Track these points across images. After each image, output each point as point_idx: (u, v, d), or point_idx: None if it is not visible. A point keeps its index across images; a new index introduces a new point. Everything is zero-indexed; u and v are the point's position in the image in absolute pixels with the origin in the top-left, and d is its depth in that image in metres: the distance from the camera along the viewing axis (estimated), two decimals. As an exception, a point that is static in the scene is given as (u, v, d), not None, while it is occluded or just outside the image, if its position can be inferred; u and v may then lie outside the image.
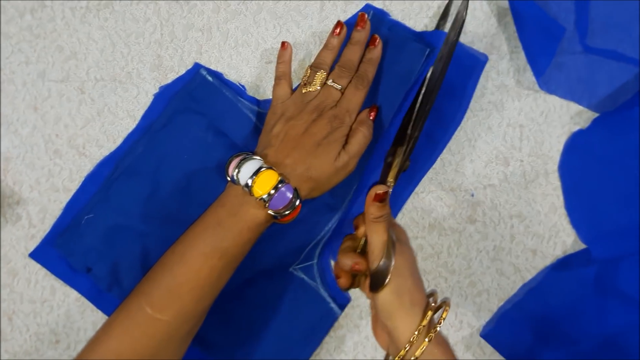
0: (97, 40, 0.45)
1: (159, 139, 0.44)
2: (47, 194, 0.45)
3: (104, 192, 0.44)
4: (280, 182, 0.38)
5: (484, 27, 0.44)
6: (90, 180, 0.45)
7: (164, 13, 0.45)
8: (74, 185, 0.45)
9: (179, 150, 0.44)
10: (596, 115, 0.44)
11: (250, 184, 0.38)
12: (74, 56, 0.45)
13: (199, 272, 0.38)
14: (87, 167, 0.45)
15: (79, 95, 0.45)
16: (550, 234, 0.45)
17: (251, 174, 0.38)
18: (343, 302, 0.45)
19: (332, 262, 0.44)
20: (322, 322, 0.44)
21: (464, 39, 0.44)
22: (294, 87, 0.44)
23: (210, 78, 0.44)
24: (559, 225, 0.45)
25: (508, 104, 0.45)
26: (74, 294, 0.45)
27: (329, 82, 0.41)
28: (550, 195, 0.45)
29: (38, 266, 0.45)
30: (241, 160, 0.39)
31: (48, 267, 0.45)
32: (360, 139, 0.41)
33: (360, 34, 0.42)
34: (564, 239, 0.45)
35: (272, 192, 0.38)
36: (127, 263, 0.44)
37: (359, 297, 0.45)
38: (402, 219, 0.45)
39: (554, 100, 0.44)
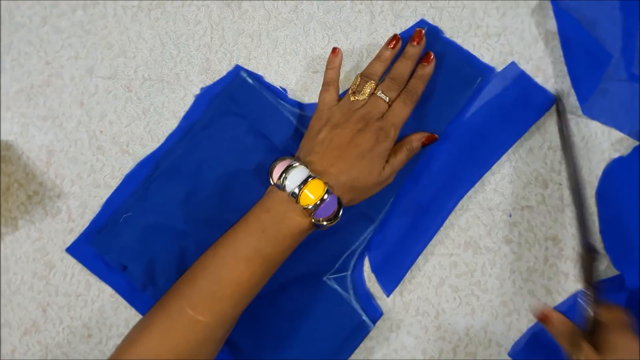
0: (147, 40, 0.45)
1: (199, 140, 0.44)
2: (88, 189, 0.45)
3: (143, 191, 0.44)
4: (327, 192, 0.38)
5: (531, 49, 0.44)
6: (130, 179, 0.44)
7: (215, 17, 0.45)
8: (115, 182, 0.44)
9: (219, 152, 0.44)
10: (637, 143, 0.44)
11: (297, 193, 0.37)
12: (123, 54, 0.45)
13: (241, 277, 0.38)
14: (130, 164, 0.44)
15: (125, 93, 0.45)
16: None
17: (299, 182, 0.38)
18: (375, 315, 0.44)
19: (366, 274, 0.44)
20: (353, 335, 0.44)
21: (511, 59, 0.44)
22: (341, 95, 0.44)
23: (250, 80, 0.44)
24: None
25: (551, 127, 0.44)
26: (108, 290, 0.45)
27: (378, 93, 0.41)
28: (586, 220, 0.45)
29: (74, 260, 0.45)
30: (288, 167, 0.39)
31: (84, 263, 0.44)
32: (404, 157, 0.41)
33: (415, 49, 0.42)
34: (597, 265, 0.45)
35: (318, 202, 0.38)
36: (163, 263, 0.43)
37: (389, 310, 0.45)
38: (437, 235, 0.45)
39: (596, 126, 0.44)
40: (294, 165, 0.39)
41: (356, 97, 0.41)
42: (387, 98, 0.41)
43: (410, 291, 0.45)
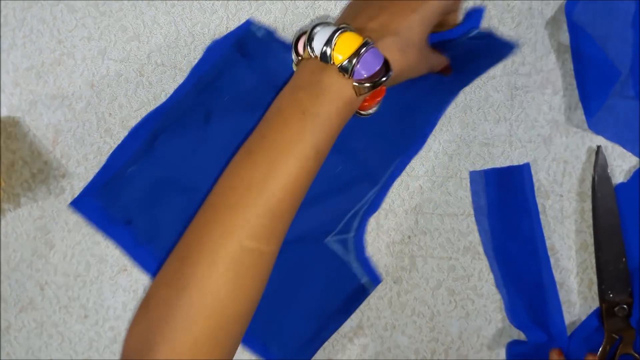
0: (162, 25, 0.44)
1: (208, 92, 0.42)
2: (94, 171, 0.43)
3: (150, 145, 0.43)
4: (365, 44, 0.31)
5: (543, 61, 0.44)
6: (136, 132, 0.43)
7: (232, 7, 0.44)
8: None
9: (228, 105, 0.42)
10: (638, 164, 0.45)
11: (329, 53, 0.31)
12: (136, 38, 0.44)
13: (297, 181, 0.31)
14: None
15: (137, 78, 0.44)
16: (578, 270, 0.44)
17: (327, 37, 0.31)
18: (375, 280, 0.44)
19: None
20: (352, 298, 0.43)
21: (522, 69, 0.44)
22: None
23: (260, 34, 0.43)
24: (587, 262, 0.44)
25: (556, 139, 0.44)
26: (107, 272, 0.44)
27: None
28: (583, 232, 0.44)
29: (75, 240, 0.45)
30: (312, 28, 0.32)
31: (88, 217, 0.43)
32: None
33: None
34: (590, 276, 0.45)
35: (354, 57, 0.31)
36: (168, 217, 0.42)
37: (384, 309, 0.45)
38: (437, 238, 0.45)
39: (601, 141, 0.45)
40: (319, 25, 0.32)
41: None
42: None
43: (407, 292, 0.45)
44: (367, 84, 0.32)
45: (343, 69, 0.31)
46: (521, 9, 0.43)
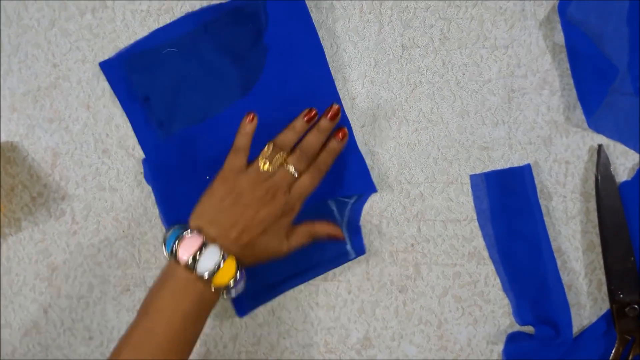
0: (155, 44, 0.44)
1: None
2: (93, 192, 0.43)
3: (197, 36, 0.42)
4: (238, 270, 0.38)
5: (539, 62, 0.42)
6: (190, 18, 0.42)
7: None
8: (120, 185, 0.43)
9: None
10: None
11: (210, 275, 0.37)
12: (130, 58, 0.44)
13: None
14: (135, 168, 0.43)
15: (132, 97, 0.44)
16: (586, 271, 0.43)
17: (214, 265, 0.37)
18: (359, 250, 0.43)
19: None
20: (334, 259, 0.43)
21: (518, 71, 0.44)
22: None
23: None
24: (595, 263, 0.43)
25: (556, 140, 0.43)
26: (110, 292, 0.44)
27: (288, 166, 0.39)
28: (589, 233, 0.43)
29: (77, 262, 0.44)
30: (200, 247, 0.37)
31: (110, 81, 0.43)
32: (304, 242, 0.41)
33: (328, 124, 0.41)
34: (599, 277, 0.43)
35: (231, 283, 0.38)
36: (185, 109, 0.42)
37: (390, 319, 0.44)
38: (441, 245, 0.44)
39: (602, 140, 0.44)
40: (206, 245, 0.38)
41: (265, 167, 0.39)
42: (296, 171, 0.40)
43: (413, 300, 0.44)
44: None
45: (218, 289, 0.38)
46: (514, 11, 0.43)
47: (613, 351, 0.42)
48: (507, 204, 0.43)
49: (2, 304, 0.44)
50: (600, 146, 0.43)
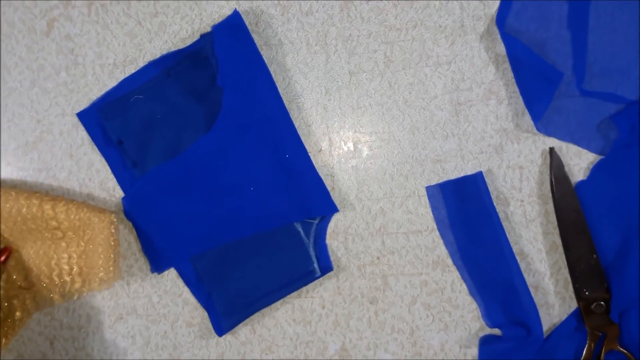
0: (124, 93, 0.48)
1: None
2: None
3: (160, 83, 0.45)
4: None
5: (483, 73, 0.43)
6: (153, 65, 0.45)
7: (184, 67, 0.48)
8: None
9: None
10: (595, 160, 0.43)
11: None
12: (104, 108, 0.48)
13: None
14: (117, 207, 0.46)
15: (109, 143, 0.48)
16: (552, 271, 0.43)
17: None
18: (326, 268, 0.45)
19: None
20: (301, 279, 0.45)
21: (463, 85, 0.45)
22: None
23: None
24: (559, 263, 0.43)
25: (507, 147, 0.44)
26: (106, 321, 0.48)
27: None
28: (550, 234, 0.43)
29: (74, 296, 0.49)
30: None
31: (88, 129, 0.46)
32: None
33: None
34: (565, 276, 0.44)
35: None
36: (156, 150, 0.45)
37: (364, 329, 0.46)
38: (406, 256, 0.45)
39: (554, 143, 0.44)
40: None
41: None
42: None
43: (384, 310, 0.45)
44: None
45: None
46: (453, 28, 0.44)
47: (585, 348, 0.43)
48: (465, 211, 0.44)
49: (14, 338, 0.48)
50: (551, 149, 0.43)
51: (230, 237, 0.45)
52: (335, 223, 0.45)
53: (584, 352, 0.43)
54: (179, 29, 0.45)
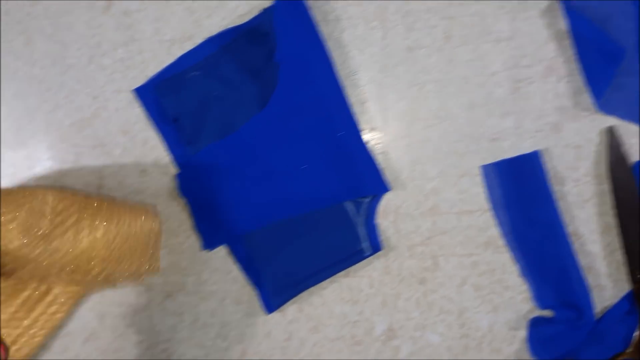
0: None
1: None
2: None
3: (217, 58, 0.45)
4: None
5: (543, 50, 0.42)
6: (211, 42, 0.45)
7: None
8: (159, 201, 0.46)
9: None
10: None
11: None
12: (158, 85, 0.48)
13: None
14: (170, 184, 0.46)
15: (162, 120, 0.48)
16: (605, 253, 0.42)
17: None
18: (376, 247, 0.44)
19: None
20: (349, 257, 0.45)
21: (522, 62, 0.44)
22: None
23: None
24: (613, 245, 0.42)
25: (566, 125, 0.42)
26: (155, 298, 0.48)
27: None
28: (605, 215, 0.42)
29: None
30: None
31: (144, 106, 0.46)
32: None
33: None
34: (618, 258, 0.42)
35: None
36: (211, 128, 0.45)
37: (412, 310, 0.46)
38: (457, 236, 0.44)
39: (612, 122, 0.43)
40: None
41: None
42: None
43: (433, 291, 0.44)
44: None
45: None
46: (514, 4, 0.43)
47: (637, 331, 0.42)
48: (520, 191, 0.43)
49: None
50: (610, 128, 0.42)
51: (281, 215, 0.45)
52: (386, 202, 0.45)
53: (636, 335, 0.42)
54: (238, 5, 0.45)
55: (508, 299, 0.44)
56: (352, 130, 0.44)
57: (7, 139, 0.48)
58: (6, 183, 0.48)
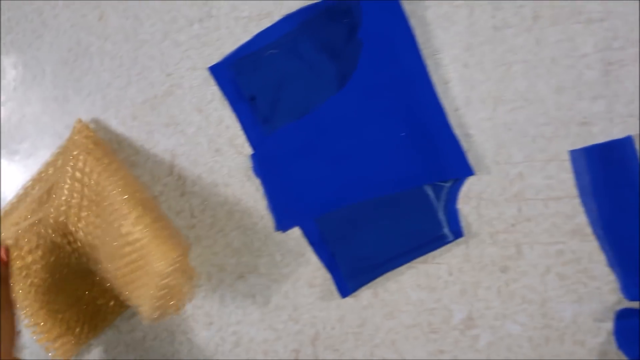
0: (256, 48, 0.47)
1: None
2: (208, 189, 0.46)
3: (296, 36, 0.44)
4: None
5: (637, 32, 0.39)
6: (288, 20, 0.44)
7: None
8: (232, 181, 0.45)
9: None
10: None
11: None
12: (234, 63, 0.47)
13: None
14: (244, 164, 0.45)
15: (238, 99, 0.47)
16: None
17: None
18: (457, 234, 0.43)
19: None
20: (428, 242, 0.43)
21: (615, 44, 0.43)
22: None
23: None
24: None
25: None
26: (227, 279, 0.47)
27: None
28: None
29: (197, 253, 0.46)
30: None
31: (219, 84, 0.45)
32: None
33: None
34: None
35: None
36: (288, 107, 0.44)
37: (492, 299, 0.44)
38: (543, 223, 0.43)
39: None
40: None
41: None
42: None
43: (515, 280, 0.43)
44: None
45: None
46: (608, -16, 0.42)
47: None
48: (610, 178, 0.42)
49: (133, 292, 0.48)
50: None
51: (357, 198, 0.44)
52: (468, 187, 0.44)
53: None
54: (322, -20, 0.44)
55: (594, 289, 0.42)
56: (435, 110, 0.43)
57: (79, 115, 0.47)
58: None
